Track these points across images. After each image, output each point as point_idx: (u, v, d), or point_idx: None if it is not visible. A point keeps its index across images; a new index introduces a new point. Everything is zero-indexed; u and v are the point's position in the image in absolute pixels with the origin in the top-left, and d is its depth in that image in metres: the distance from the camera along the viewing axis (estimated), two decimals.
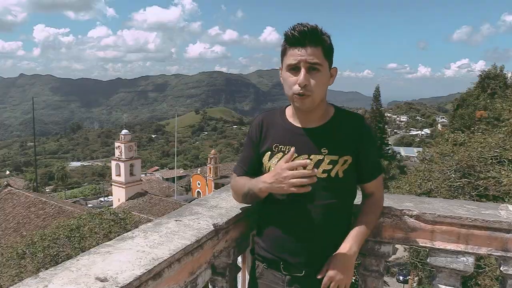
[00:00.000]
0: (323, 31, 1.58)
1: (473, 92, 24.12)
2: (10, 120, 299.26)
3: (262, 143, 1.76)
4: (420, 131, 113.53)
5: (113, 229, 12.43)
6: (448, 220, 1.73)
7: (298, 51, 1.55)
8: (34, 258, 10.72)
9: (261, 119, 1.81)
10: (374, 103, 45.74)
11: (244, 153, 1.86)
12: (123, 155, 33.01)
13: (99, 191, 54.58)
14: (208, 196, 2.04)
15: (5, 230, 20.51)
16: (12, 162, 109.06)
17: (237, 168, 1.85)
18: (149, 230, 1.51)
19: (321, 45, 1.56)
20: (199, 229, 1.53)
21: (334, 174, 1.63)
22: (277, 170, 1.55)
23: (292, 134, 1.69)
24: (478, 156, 9.57)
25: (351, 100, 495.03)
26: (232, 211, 1.78)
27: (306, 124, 1.69)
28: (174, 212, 1.74)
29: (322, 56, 1.56)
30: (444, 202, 1.91)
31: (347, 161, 1.65)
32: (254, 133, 1.80)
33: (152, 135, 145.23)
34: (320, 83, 1.58)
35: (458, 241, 1.74)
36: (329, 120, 1.70)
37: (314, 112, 1.67)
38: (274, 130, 1.75)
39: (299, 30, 1.54)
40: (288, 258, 1.69)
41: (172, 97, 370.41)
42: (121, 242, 1.39)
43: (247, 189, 1.70)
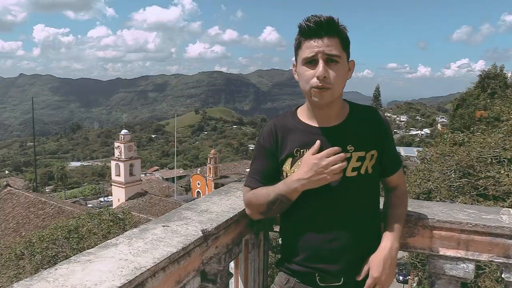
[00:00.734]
0: (340, 22, 1.50)
1: (473, 92, 24.02)
2: (10, 120, 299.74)
3: (280, 150, 1.63)
4: (420, 131, 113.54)
5: (112, 229, 12.37)
6: (447, 225, 1.67)
7: (315, 42, 1.46)
8: (33, 259, 10.66)
9: (272, 125, 1.67)
10: (374, 103, 45.86)
11: (257, 165, 1.70)
12: (123, 155, 33.02)
13: (99, 191, 54.63)
14: (199, 199, 1.96)
15: (4, 230, 20.49)
16: (12, 162, 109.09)
17: (251, 181, 1.69)
18: (134, 236, 1.44)
19: (339, 36, 1.49)
20: (187, 236, 1.45)
21: (364, 171, 1.56)
22: (310, 161, 1.47)
23: (312, 135, 1.58)
24: (478, 156, 9.51)
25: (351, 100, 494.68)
26: (222, 216, 1.70)
27: (325, 123, 1.60)
28: (163, 217, 1.66)
29: (340, 48, 1.48)
30: (444, 206, 1.84)
31: (374, 156, 1.59)
32: (268, 141, 1.66)
33: (152, 135, 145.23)
34: (339, 75, 1.49)
35: (458, 247, 1.68)
36: (348, 115, 1.63)
37: (332, 108, 1.58)
38: (292, 134, 1.63)
39: (315, 20, 1.46)
40: (324, 268, 1.59)
41: (172, 97, 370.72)
42: (104, 249, 1.32)
43: (275, 195, 1.56)
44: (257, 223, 1.91)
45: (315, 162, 1.45)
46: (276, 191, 1.56)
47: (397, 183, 1.72)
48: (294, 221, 1.66)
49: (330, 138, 1.55)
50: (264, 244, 2.05)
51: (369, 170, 1.57)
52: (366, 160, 1.57)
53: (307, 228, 1.61)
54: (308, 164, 1.47)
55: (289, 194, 1.53)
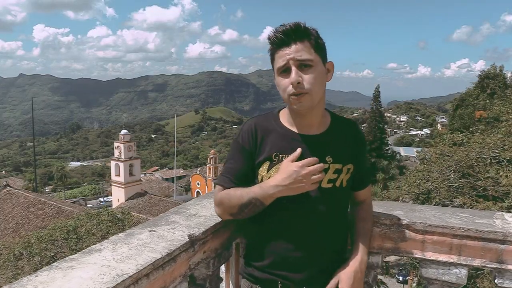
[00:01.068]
0: (308, 26, 1.48)
1: (472, 92, 24.01)
2: (9, 120, 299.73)
3: (258, 152, 1.58)
4: (420, 131, 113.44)
5: (111, 230, 12.34)
6: (439, 229, 1.64)
7: (285, 51, 1.45)
8: (31, 260, 10.63)
9: (253, 124, 1.61)
10: (374, 103, 45.66)
11: (232, 164, 1.62)
12: (123, 155, 32.96)
13: (98, 191, 54.55)
14: (188, 203, 1.93)
15: (4, 231, 20.43)
16: (12, 162, 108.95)
17: (224, 180, 1.61)
18: (119, 241, 1.41)
19: (308, 39, 1.46)
20: (173, 241, 1.42)
21: (339, 184, 1.56)
22: (290, 168, 1.42)
23: (293, 141, 1.54)
24: (477, 157, 9.49)
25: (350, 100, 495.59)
26: (211, 220, 1.66)
27: (307, 131, 1.57)
28: (150, 221, 1.63)
29: (312, 51, 1.46)
30: (436, 210, 1.81)
31: (350, 170, 1.59)
32: (246, 141, 1.59)
33: (151, 135, 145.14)
34: (315, 78, 1.46)
35: (450, 252, 1.65)
36: (329, 126, 1.61)
37: (314, 116, 1.56)
38: (271, 137, 1.57)
39: (282, 30, 1.45)
40: (288, 276, 1.56)
41: (172, 97, 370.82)
42: (87, 255, 1.29)
43: (249, 199, 1.50)
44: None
45: (295, 170, 1.42)
46: (251, 194, 1.50)
47: (365, 198, 1.73)
48: (263, 227, 1.62)
49: (311, 146, 1.54)
50: None
51: (343, 184, 1.57)
52: (342, 173, 1.56)
53: (276, 235, 1.58)
54: (287, 171, 1.44)
55: (264, 199, 1.49)
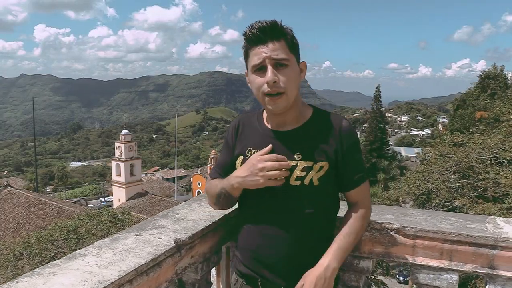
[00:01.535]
0: (284, 25, 1.47)
1: (473, 93, 23.92)
2: (10, 120, 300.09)
3: (236, 146, 1.65)
4: (421, 131, 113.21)
5: (111, 230, 12.35)
6: (430, 234, 1.61)
7: (261, 48, 1.44)
8: (31, 260, 10.62)
9: (238, 121, 1.71)
10: (375, 103, 45.65)
11: (220, 157, 1.75)
12: (123, 155, 32.94)
13: (99, 191, 54.49)
14: (178, 206, 1.91)
15: (5, 231, 20.45)
16: (13, 162, 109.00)
17: (212, 172, 1.74)
18: (104, 246, 1.39)
19: (284, 38, 1.45)
20: (158, 246, 1.40)
21: (308, 182, 1.50)
22: (251, 161, 1.46)
23: (265, 137, 1.57)
24: (477, 157, 9.46)
25: (351, 100, 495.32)
26: (199, 224, 1.65)
27: (281, 127, 1.57)
28: (138, 225, 1.61)
29: (287, 50, 1.45)
30: (428, 215, 1.79)
31: (323, 168, 1.51)
32: (230, 136, 1.69)
33: (152, 135, 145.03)
34: (290, 78, 1.45)
35: (441, 257, 1.62)
36: (306, 122, 1.57)
37: (288, 113, 1.54)
38: (249, 134, 1.64)
39: (259, 27, 1.43)
40: (266, 275, 1.55)
41: (173, 97, 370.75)
42: (70, 260, 1.27)
43: (220, 189, 1.57)
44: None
45: (253, 163, 1.44)
46: (220, 185, 1.58)
47: (356, 200, 1.62)
48: (241, 221, 1.66)
49: (282, 143, 1.53)
50: None
51: (314, 182, 1.50)
52: (312, 170, 1.50)
53: (250, 230, 1.60)
54: (248, 163, 1.47)
55: (230, 190, 1.54)
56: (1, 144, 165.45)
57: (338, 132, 1.54)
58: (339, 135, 1.54)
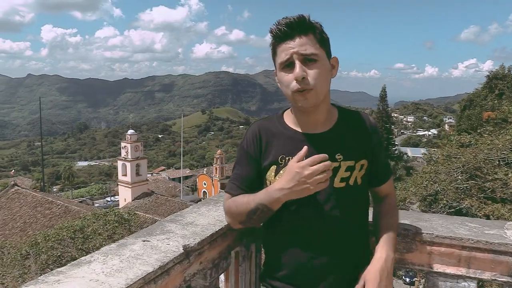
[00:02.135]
0: (312, 20, 1.41)
1: (480, 93, 23.75)
2: (18, 120, 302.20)
3: (263, 156, 1.53)
4: (427, 131, 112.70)
5: (117, 230, 12.38)
6: (447, 241, 1.56)
7: (288, 44, 1.38)
8: (38, 259, 10.65)
9: (257, 129, 1.57)
10: (381, 103, 45.58)
11: (239, 170, 1.59)
12: (129, 155, 33.06)
13: (105, 190, 54.69)
14: (186, 210, 1.86)
15: (12, 230, 20.57)
16: (20, 162, 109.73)
17: (232, 188, 1.58)
18: (111, 253, 1.34)
19: (313, 33, 1.40)
20: (167, 252, 1.35)
21: (353, 182, 1.47)
22: (293, 170, 1.33)
23: (299, 142, 1.46)
24: (485, 158, 9.37)
25: (357, 100, 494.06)
26: (208, 229, 1.59)
27: (312, 129, 1.50)
28: (144, 230, 1.57)
29: (317, 44, 1.39)
30: (444, 220, 1.73)
31: (364, 166, 1.50)
32: (251, 146, 1.55)
33: (158, 135, 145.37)
34: (320, 73, 1.39)
35: (458, 264, 1.57)
36: (337, 122, 1.53)
37: (319, 113, 1.49)
38: (277, 140, 1.52)
39: (285, 22, 1.38)
40: (308, 285, 1.48)
41: (179, 97, 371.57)
42: (75, 268, 1.23)
43: (256, 205, 1.44)
44: (247, 235, 1.81)
45: (297, 171, 1.32)
46: (257, 200, 1.44)
47: (387, 192, 1.64)
48: (277, 234, 1.56)
49: (318, 145, 1.44)
50: (256, 257, 1.94)
51: (358, 181, 1.48)
52: (355, 170, 1.47)
53: (291, 242, 1.50)
54: (291, 172, 1.35)
55: (270, 204, 1.42)
56: (8, 143, 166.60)
57: (369, 129, 1.55)
58: (370, 132, 1.55)
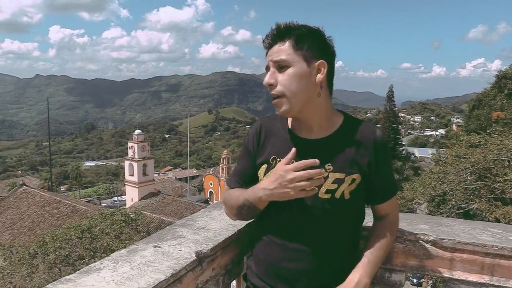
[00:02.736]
0: (298, 25, 1.37)
1: (489, 93, 23.51)
2: (26, 120, 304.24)
3: (259, 154, 1.52)
4: (435, 131, 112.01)
5: (124, 230, 12.40)
6: (470, 247, 1.49)
7: (268, 53, 1.40)
8: (46, 258, 10.68)
9: (259, 125, 1.57)
10: (388, 103, 45.27)
11: (239, 165, 1.62)
12: (136, 155, 33.15)
13: (112, 190, 54.86)
14: (197, 214, 1.81)
15: (20, 229, 20.67)
16: (28, 162, 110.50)
17: (231, 181, 1.62)
18: (121, 259, 1.30)
19: (288, 38, 1.36)
20: (179, 259, 1.31)
21: (339, 195, 1.39)
22: (278, 172, 1.31)
23: (291, 145, 1.41)
24: (495, 159, 9.25)
25: (364, 100, 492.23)
26: (221, 234, 1.55)
27: (308, 134, 1.45)
28: (155, 235, 1.52)
29: (291, 50, 1.34)
30: (465, 225, 1.67)
31: (355, 180, 1.41)
32: (250, 142, 1.56)
33: (165, 135, 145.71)
34: (291, 79, 1.34)
35: (481, 272, 1.50)
36: (336, 130, 1.46)
37: (312, 119, 1.43)
38: (273, 140, 1.51)
39: (268, 32, 1.41)
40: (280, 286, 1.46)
41: (185, 97, 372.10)
42: (85, 275, 1.19)
43: (243, 200, 1.45)
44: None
45: (281, 174, 1.30)
46: (245, 196, 1.45)
47: (386, 212, 1.55)
48: (260, 232, 1.54)
49: (309, 152, 1.38)
50: None
51: (345, 195, 1.40)
52: (344, 183, 1.40)
53: (271, 242, 1.48)
54: (276, 172, 1.33)
55: (255, 202, 1.41)
56: (16, 143, 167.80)
57: (372, 142, 1.44)
58: (373, 146, 1.44)
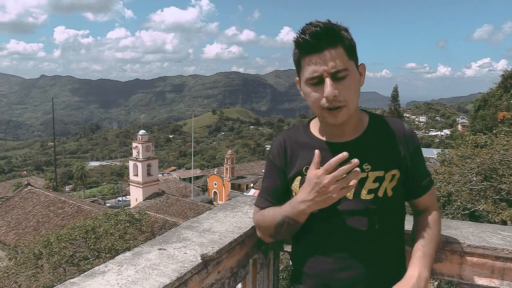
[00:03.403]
0: (340, 25, 1.29)
1: (495, 92, 23.37)
2: (31, 120, 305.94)
3: (289, 167, 1.47)
4: (440, 131, 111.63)
5: (128, 230, 12.42)
6: (480, 250, 1.47)
7: (316, 59, 1.26)
8: (51, 259, 10.71)
9: (282, 139, 1.51)
10: (393, 103, 45.24)
11: (267, 182, 1.55)
12: (141, 155, 33.31)
13: (117, 190, 55.07)
14: (202, 216, 1.79)
15: (25, 229, 20.80)
16: (33, 162, 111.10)
17: (260, 201, 1.54)
18: (126, 262, 1.28)
19: (342, 43, 1.27)
20: (184, 262, 1.29)
21: (382, 194, 1.37)
22: (312, 180, 1.26)
23: (324, 152, 1.36)
24: (501, 159, 9.18)
25: (369, 100, 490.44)
26: (226, 237, 1.53)
27: (339, 138, 1.41)
28: (160, 238, 1.51)
29: (346, 58, 1.28)
30: (474, 228, 1.64)
31: (395, 176, 1.39)
32: (277, 157, 1.50)
33: (169, 135, 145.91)
34: (351, 89, 1.29)
35: (492, 276, 1.48)
36: (366, 129, 1.43)
37: (348, 122, 1.38)
38: (302, 150, 1.45)
39: (311, 32, 1.25)
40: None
41: (190, 97, 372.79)
42: (89, 279, 1.17)
43: (282, 217, 1.39)
44: (265, 242, 1.75)
45: (316, 182, 1.25)
46: (282, 213, 1.39)
47: (428, 205, 1.51)
48: (303, 246, 1.49)
49: None
50: (274, 264, 1.88)
51: (388, 193, 1.37)
52: (385, 181, 1.37)
53: (317, 254, 1.43)
54: (310, 183, 1.27)
55: (296, 216, 1.36)
56: (22, 144, 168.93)
57: (403, 136, 1.43)
58: (404, 140, 1.43)
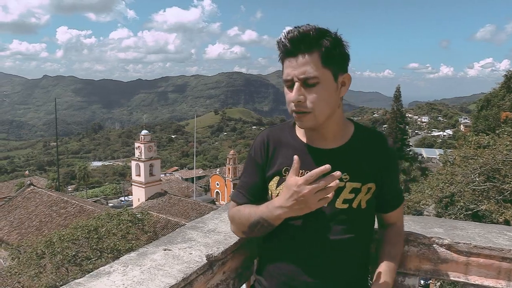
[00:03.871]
0: (324, 31, 1.26)
1: (498, 93, 23.33)
2: (34, 121, 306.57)
3: (269, 165, 1.46)
4: (442, 132, 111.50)
5: (131, 230, 12.44)
6: (486, 251, 1.46)
7: (291, 63, 1.28)
8: (53, 259, 10.73)
9: (266, 136, 1.50)
10: (395, 103, 45.06)
11: (246, 177, 1.53)
12: (143, 155, 33.30)
13: (119, 190, 55.14)
14: (207, 216, 1.79)
15: (28, 229, 20.83)
16: (36, 162, 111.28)
17: (238, 196, 1.52)
18: (131, 263, 1.28)
19: (318, 50, 1.25)
20: (189, 262, 1.29)
21: (357, 205, 1.37)
22: (292, 188, 1.23)
23: (305, 156, 1.37)
24: (504, 160, 9.16)
25: (371, 100, 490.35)
26: (231, 237, 1.53)
27: (322, 144, 1.40)
28: (165, 238, 1.51)
29: (320, 64, 1.25)
30: (480, 228, 1.64)
31: (371, 189, 1.39)
32: (258, 153, 1.48)
33: (171, 136, 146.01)
34: (319, 97, 1.27)
35: (498, 277, 1.47)
36: (350, 139, 1.42)
37: (327, 129, 1.38)
38: (284, 150, 1.44)
39: (290, 36, 1.26)
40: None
41: (192, 97, 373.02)
42: (95, 279, 1.17)
43: (257, 218, 1.38)
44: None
45: (295, 190, 1.22)
46: (259, 213, 1.37)
47: (395, 220, 1.54)
48: (271, 244, 1.49)
49: (326, 162, 1.27)
50: None
51: (362, 205, 1.38)
52: (361, 193, 1.38)
53: (282, 255, 1.44)
54: (289, 190, 1.25)
55: (271, 220, 1.35)
56: (24, 144, 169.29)
57: (385, 151, 1.44)
58: (385, 155, 1.44)
